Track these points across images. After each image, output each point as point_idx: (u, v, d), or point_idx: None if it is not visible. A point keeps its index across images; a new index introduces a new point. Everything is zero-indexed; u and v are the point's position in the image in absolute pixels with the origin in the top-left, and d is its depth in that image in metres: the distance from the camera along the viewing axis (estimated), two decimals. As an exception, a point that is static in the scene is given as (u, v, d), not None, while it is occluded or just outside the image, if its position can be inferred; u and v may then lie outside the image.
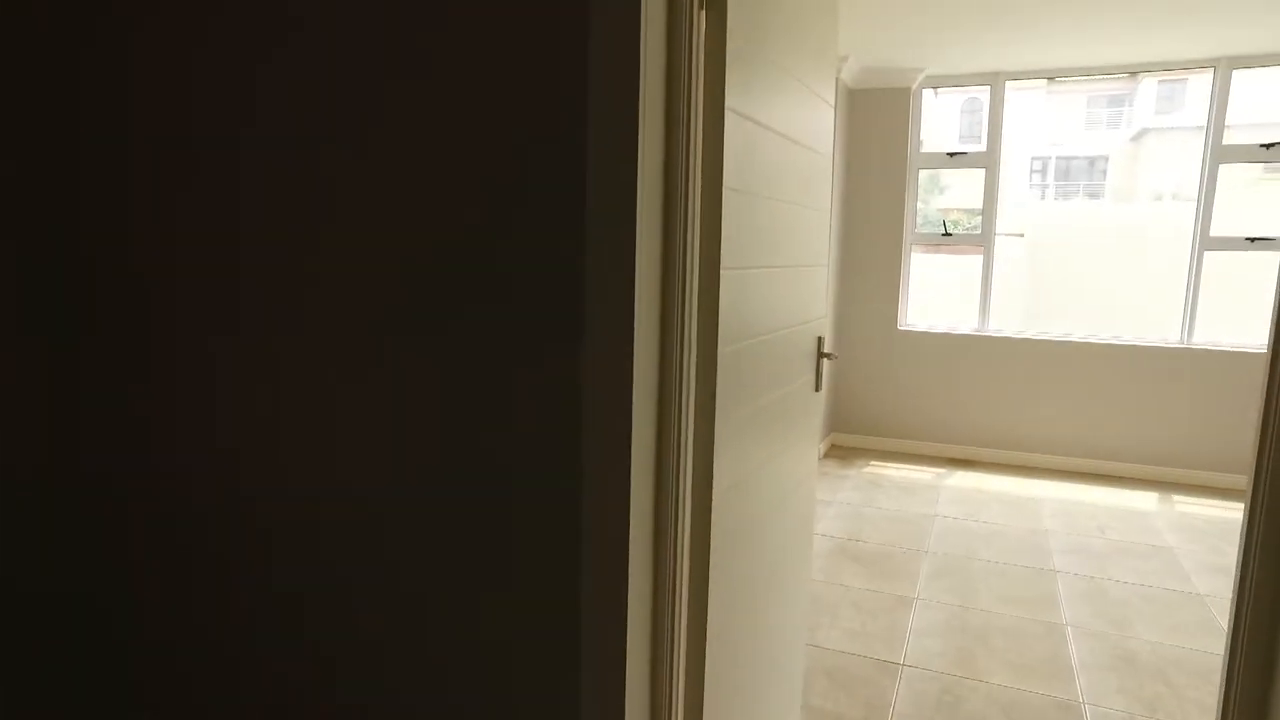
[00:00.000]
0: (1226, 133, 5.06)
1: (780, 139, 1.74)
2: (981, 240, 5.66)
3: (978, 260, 5.87)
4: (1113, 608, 3.42)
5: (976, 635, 3.14)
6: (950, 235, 5.79)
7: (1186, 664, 2.97)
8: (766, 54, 1.62)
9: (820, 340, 2.17)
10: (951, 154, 5.71)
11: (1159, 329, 5.39)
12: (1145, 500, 4.91)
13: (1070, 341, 5.46)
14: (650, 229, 1.28)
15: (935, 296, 6.67)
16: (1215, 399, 5.16)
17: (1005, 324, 5.78)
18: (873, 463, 5.59)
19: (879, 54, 5.22)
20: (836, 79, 5.54)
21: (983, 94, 5.70)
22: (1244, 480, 5.16)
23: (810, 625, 3.17)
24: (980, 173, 5.66)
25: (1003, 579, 3.68)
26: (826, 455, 5.76)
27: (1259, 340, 5.15)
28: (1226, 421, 5.15)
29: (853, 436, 6.00)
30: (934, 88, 5.72)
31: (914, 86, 5.58)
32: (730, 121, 1.45)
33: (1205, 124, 5.11)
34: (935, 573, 3.73)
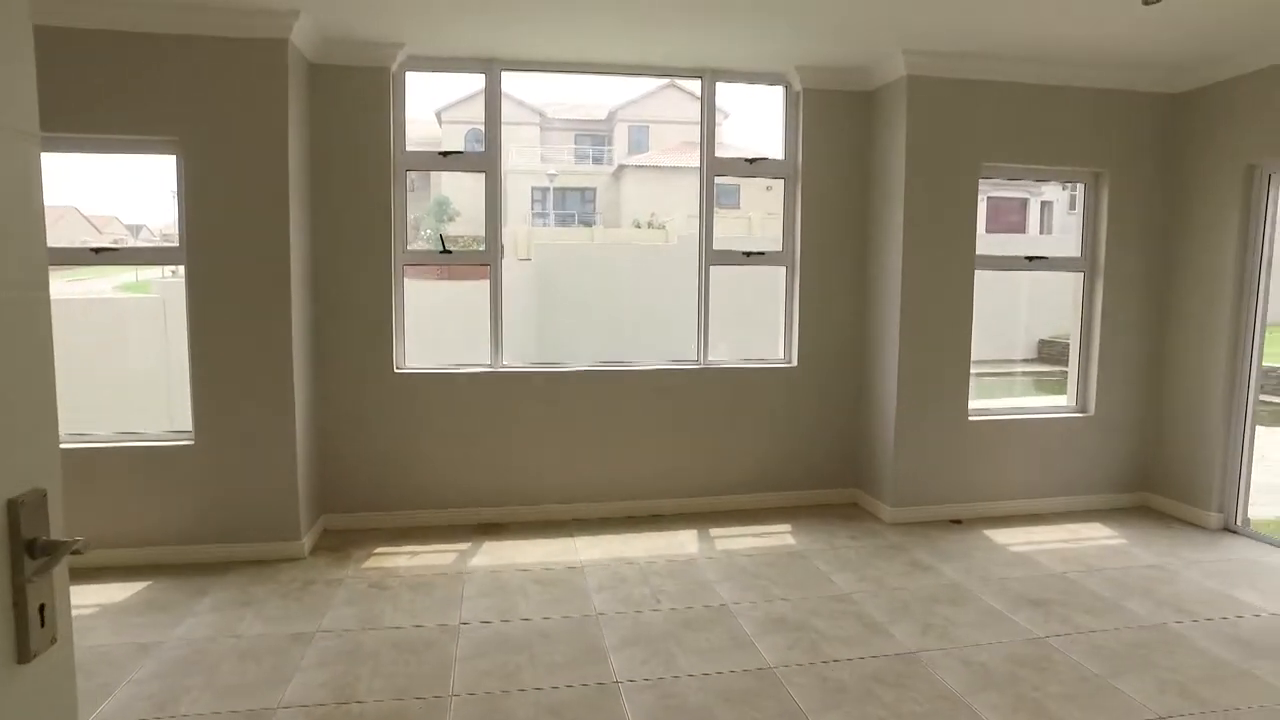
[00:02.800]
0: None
1: None
2: (486, 259, 4.70)
3: (484, 286, 4.92)
4: (694, 727, 2.59)
5: None
6: (450, 253, 4.72)
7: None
8: None
9: (18, 510, 0.75)
10: (445, 153, 4.66)
11: (677, 350, 5.02)
12: (687, 540, 4.40)
13: (591, 371, 4.79)
14: None
15: (439, 330, 5.59)
16: (733, 417, 4.93)
17: (523, 357, 4.93)
18: (378, 550, 4.22)
19: (345, 19, 3.93)
20: (288, 43, 4.09)
21: (479, 119, 4.78)
22: (770, 497, 5.04)
23: None
24: (481, 181, 4.71)
25: (557, 720, 2.62)
26: (314, 550, 4.22)
27: (765, 353, 5.08)
28: (745, 440, 4.95)
29: (350, 517, 4.56)
30: (419, 70, 4.61)
31: (394, 67, 4.40)
32: None
33: (699, 134, 4.85)
34: (465, 738, 2.52)
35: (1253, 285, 4.53)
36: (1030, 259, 4.94)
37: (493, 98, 4.61)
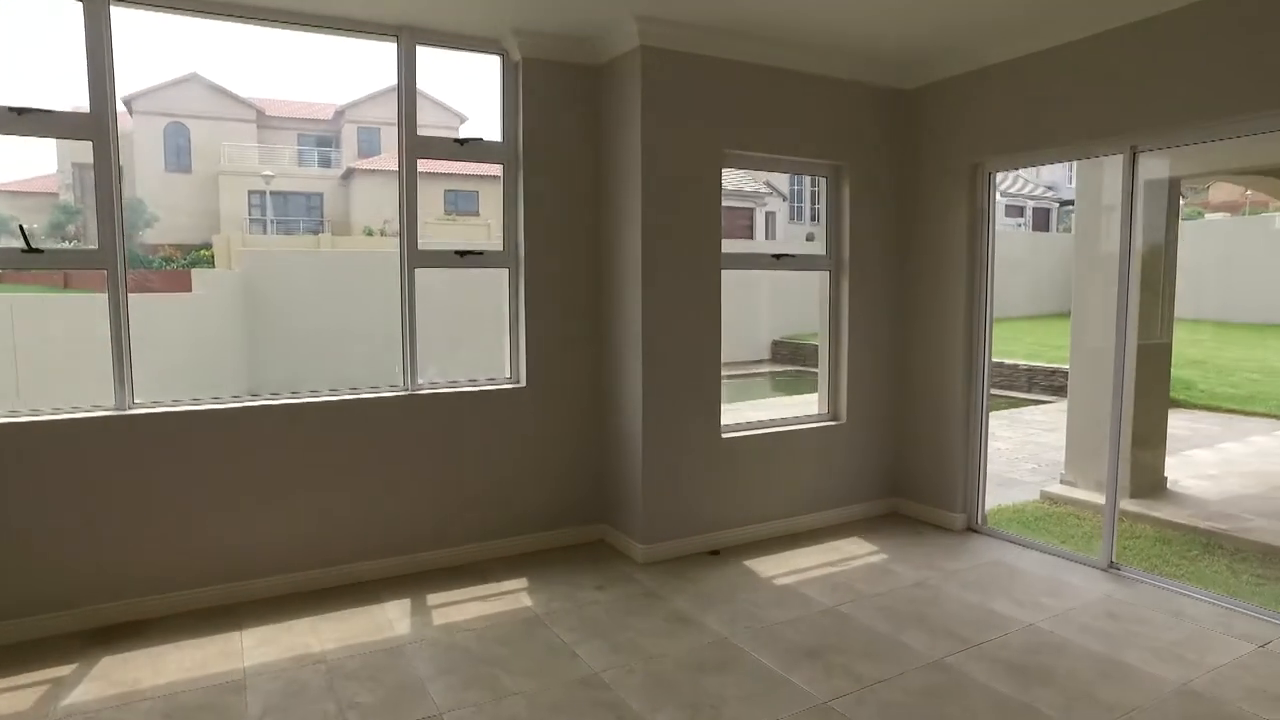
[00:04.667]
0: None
1: None
2: (100, 261, 3.41)
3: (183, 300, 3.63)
4: None
5: None
6: (40, 252, 3.37)
7: None
8: None
9: None
10: (19, 110, 3.31)
11: (389, 375, 4.05)
12: (396, 616, 3.43)
13: (271, 406, 3.67)
14: None
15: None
16: (452, 452, 4.03)
17: (227, 388, 3.72)
18: (-85, 696, 2.81)
19: None
20: None
21: (183, 110, 3.49)
22: (502, 545, 4.19)
23: None
24: (190, 180, 3.42)
25: None
26: None
27: (490, 373, 4.24)
28: (468, 478, 4.08)
29: (-124, 646, 3.07)
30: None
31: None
32: None
33: (397, 106, 3.92)
34: None
35: (981, 282, 4.48)
36: (777, 257, 4.57)
37: (95, 37, 3.34)
